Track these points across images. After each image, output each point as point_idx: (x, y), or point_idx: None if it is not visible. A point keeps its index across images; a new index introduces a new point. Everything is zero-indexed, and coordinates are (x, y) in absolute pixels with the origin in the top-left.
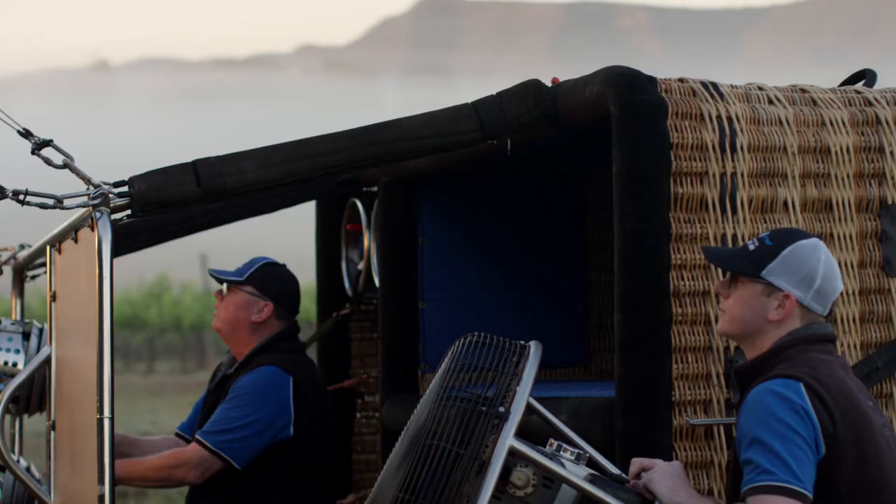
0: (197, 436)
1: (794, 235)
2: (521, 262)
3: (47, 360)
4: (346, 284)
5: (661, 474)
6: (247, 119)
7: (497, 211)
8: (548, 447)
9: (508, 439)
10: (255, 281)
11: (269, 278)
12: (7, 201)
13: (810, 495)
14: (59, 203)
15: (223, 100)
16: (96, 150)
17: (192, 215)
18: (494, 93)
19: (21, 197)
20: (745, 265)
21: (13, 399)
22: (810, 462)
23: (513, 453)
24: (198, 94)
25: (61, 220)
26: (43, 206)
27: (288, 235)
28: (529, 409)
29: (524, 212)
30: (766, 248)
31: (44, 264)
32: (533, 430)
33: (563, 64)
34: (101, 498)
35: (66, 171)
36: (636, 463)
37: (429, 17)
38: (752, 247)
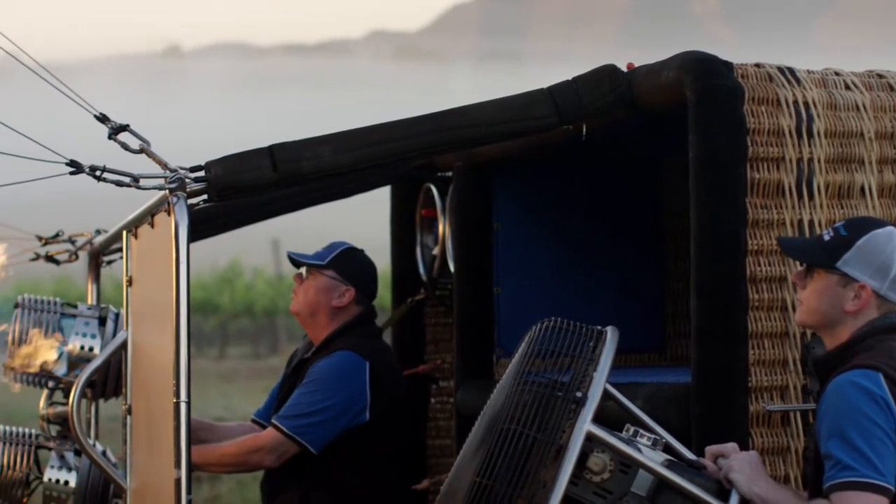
0: (273, 420)
1: (869, 224)
2: (595, 247)
3: (123, 345)
4: (421, 269)
5: (740, 463)
6: (317, 105)
7: (572, 196)
8: (624, 433)
9: (586, 424)
10: (337, 265)
11: (351, 263)
12: (85, 181)
13: (893, 488)
14: (135, 182)
15: (294, 86)
16: (167, 136)
17: (266, 200)
18: (567, 78)
19: (98, 173)
20: (821, 256)
21: (89, 384)
22: (891, 453)
23: (590, 438)
24: (268, 80)
25: (137, 207)
26: (119, 184)
27: (360, 220)
28: (606, 394)
29: (599, 197)
30: (840, 239)
31: (119, 249)
32: (609, 416)
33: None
34: (178, 482)
35: (140, 158)
36: (711, 449)
37: (498, 3)
38: (826, 237)
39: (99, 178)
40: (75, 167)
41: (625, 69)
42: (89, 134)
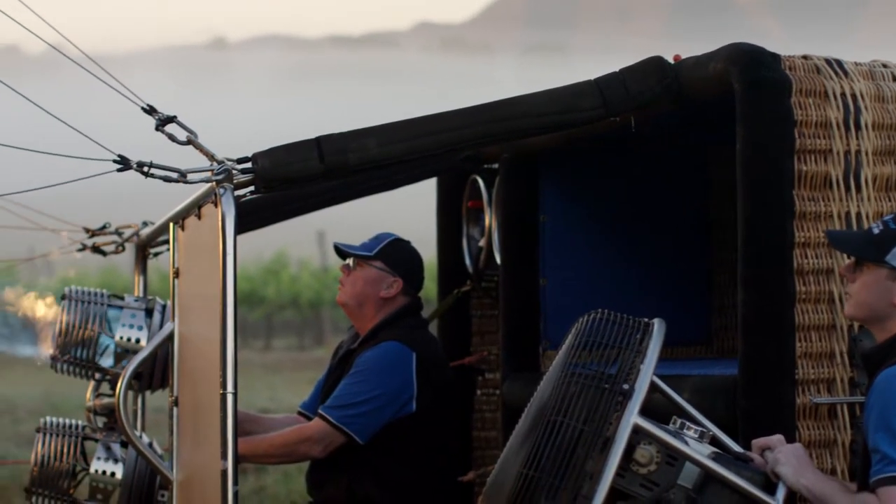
0: (320, 410)
1: None
2: (642, 239)
3: (170, 337)
4: (467, 261)
5: (786, 455)
6: (363, 96)
7: (619, 188)
8: (671, 425)
9: (633, 416)
10: (385, 256)
11: (398, 254)
12: (131, 174)
13: None
14: (182, 177)
15: (340, 77)
16: (213, 127)
17: (312, 192)
18: (614, 70)
19: (145, 169)
20: (869, 250)
21: (136, 375)
22: None
23: (637, 430)
24: (314, 72)
25: (183, 199)
26: (167, 179)
27: (406, 212)
28: (653, 386)
29: (646, 189)
30: (890, 232)
31: (166, 241)
32: (655, 408)
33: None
34: (224, 473)
35: (185, 149)
36: (758, 442)
37: None
38: (876, 230)
39: (147, 174)
40: (123, 163)
41: (671, 61)
42: (136, 126)
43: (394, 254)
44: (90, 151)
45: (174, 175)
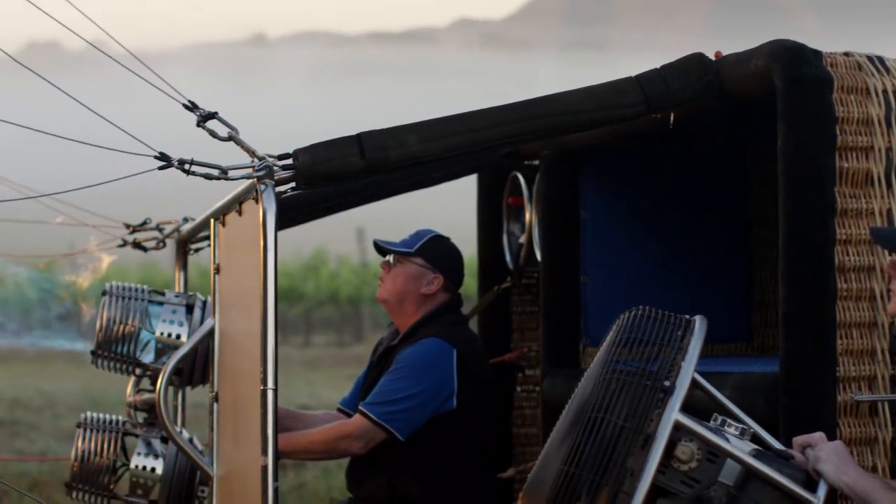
0: (361, 407)
1: None
2: (682, 236)
3: (210, 333)
4: (508, 258)
5: (827, 453)
6: (403, 93)
7: (659, 185)
8: (712, 422)
9: (674, 413)
10: (426, 253)
11: (439, 250)
12: (172, 171)
13: None
14: (223, 174)
15: (379, 74)
16: (253, 124)
17: (353, 189)
18: (655, 67)
19: (186, 166)
20: None
21: (176, 371)
22: None
23: (678, 427)
24: (354, 69)
25: (223, 195)
26: (208, 177)
27: (446, 209)
28: (694, 383)
29: (686, 186)
30: None
31: (207, 237)
32: (696, 405)
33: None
34: (264, 469)
35: (225, 146)
36: (798, 440)
37: None
38: None
39: (188, 172)
40: (164, 160)
41: (713, 58)
42: (176, 122)
43: (434, 250)
44: (131, 148)
45: (215, 172)
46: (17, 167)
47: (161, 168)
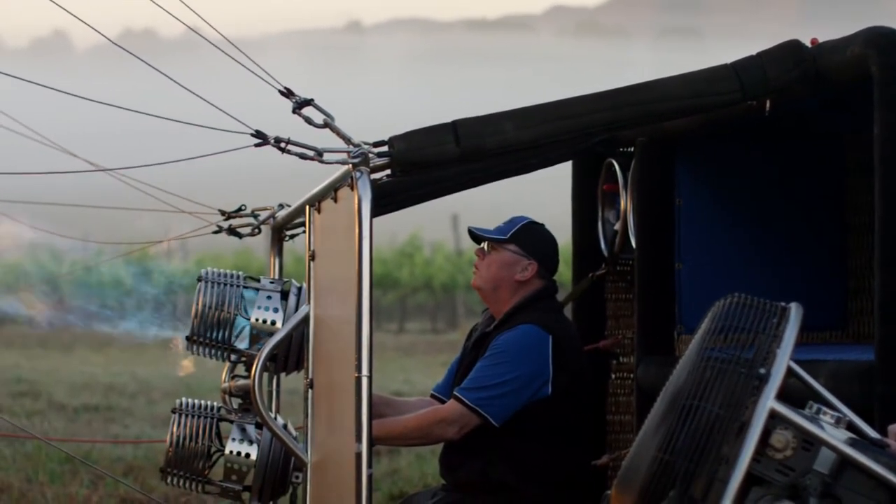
0: (455, 392)
1: None
2: (777, 223)
3: (305, 319)
4: (602, 245)
5: None
6: (497, 80)
7: (754, 172)
8: (807, 410)
9: (769, 401)
10: (519, 240)
11: (533, 237)
12: (269, 156)
13: None
14: (318, 155)
15: (474, 61)
16: (349, 111)
17: (447, 176)
18: (750, 54)
19: (283, 144)
20: None
21: (271, 357)
22: None
23: (773, 416)
24: (449, 56)
25: (319, 182)
26: (303, 157)
27: (540, 196)
28: (789, 371)
29: (781, 173)
30: None
31: (302, 224)
32: (791, 393)
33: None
34: (358, 456)
35: (321, 133)
36: (894, 429)
37: None
38: None
39: (283, 150)
40: (260, 138)
41: (809, 45)
42: (271, 109)
43: (528, 237)
44: (229, 129)
45: (310, 153)
46: (112, 155)
47: (257, 146)
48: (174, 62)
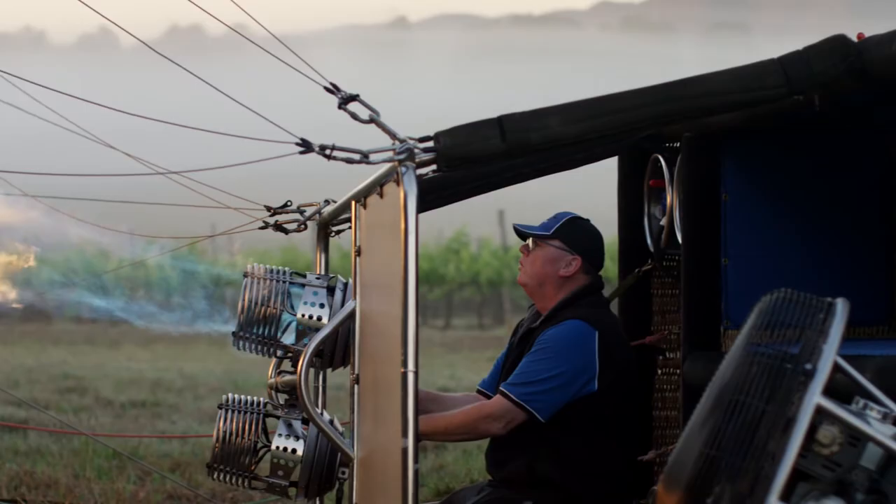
0: (501, 388)
1: None
2: (823, 218)
3: (351, 315)
4: (648, 240)
5: None
6: (544, 75)
7: (800, 167)
8: (853, 405)
9: (815, 397)
10: (563, 235)
11: (576, 232)
12: (313, 156)
13: None
14: (364, 158)
15: (520, 56)
16: (395, 106)
17: (493, 171)
18: (797, 49)
19: (328, 152)
20: None
21: (317, 353)
22: None
23: (819, 411)
24: (495, 51)
25: (364, 177)
26: (349, 161)
27: (586, 191)
28: (835, 367)
29: (828, 168)
30: None
31: (348, 219)
32: (837, 388)
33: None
34: (405, 451)
35: (364, 128)
36: None
37: None
38: None
39: (329, 157)
40: (305, 146)
41: (855, 39)
42: (318, 105)
43: (572, 232)
44: (273, 132)
45: (356, 156)
46: (157, 151)
47: (302, 153)
48: (223, 57)
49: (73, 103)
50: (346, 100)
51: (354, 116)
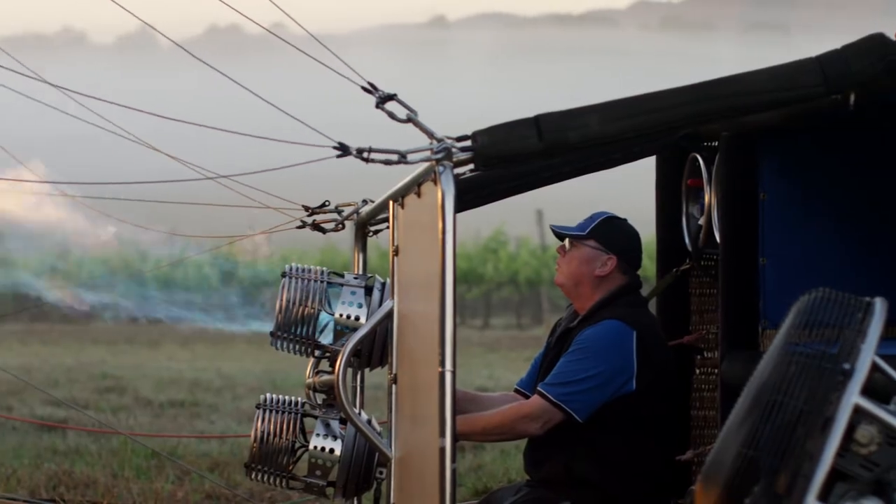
0: (539, 388)
1: None
2: (862, 218)
3: (389, 314)
4: (686, 240)
5: None
6: (582, 75)
7: (839, 166)
8: (892, 405)
9: (853, 397)
10: (598, 235)
11: (612, 232)
12: (349, 158)
13: None
14: (402, 158)
15: (559, 55)
16: (433, 105)
17: (531, 170)
18: (835, 48)
19: (365, 154)
20: None
21: (355, 353)
22: None
23: (857, 410)
24: (534, 50)
25: (402, 177)
26: (387, 163)
27: (624, 191)
28: (873, 366)
29: (865, 167)
30: None
31: (386, 219)
32: (875, 388)
33: None
34: (442, 451)
35: (402, 128)
36: None
37: None
38: None
39: (366, 160)
40: (342, 150)
41: (894, 38)
42: (356, 104)
43: (607, 232)
44: (311, 134)
45: (394, 157)
46: (195, 150)
47: (339, 157)
48: (261, 56)
49: (114, 104)
50: (383, 99)
51: (392, 116)
